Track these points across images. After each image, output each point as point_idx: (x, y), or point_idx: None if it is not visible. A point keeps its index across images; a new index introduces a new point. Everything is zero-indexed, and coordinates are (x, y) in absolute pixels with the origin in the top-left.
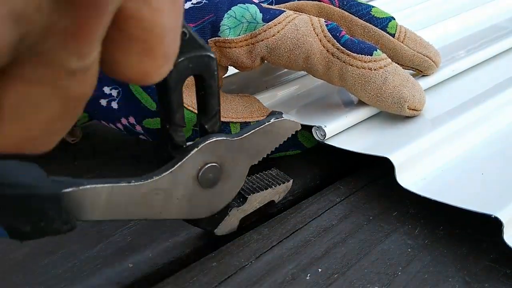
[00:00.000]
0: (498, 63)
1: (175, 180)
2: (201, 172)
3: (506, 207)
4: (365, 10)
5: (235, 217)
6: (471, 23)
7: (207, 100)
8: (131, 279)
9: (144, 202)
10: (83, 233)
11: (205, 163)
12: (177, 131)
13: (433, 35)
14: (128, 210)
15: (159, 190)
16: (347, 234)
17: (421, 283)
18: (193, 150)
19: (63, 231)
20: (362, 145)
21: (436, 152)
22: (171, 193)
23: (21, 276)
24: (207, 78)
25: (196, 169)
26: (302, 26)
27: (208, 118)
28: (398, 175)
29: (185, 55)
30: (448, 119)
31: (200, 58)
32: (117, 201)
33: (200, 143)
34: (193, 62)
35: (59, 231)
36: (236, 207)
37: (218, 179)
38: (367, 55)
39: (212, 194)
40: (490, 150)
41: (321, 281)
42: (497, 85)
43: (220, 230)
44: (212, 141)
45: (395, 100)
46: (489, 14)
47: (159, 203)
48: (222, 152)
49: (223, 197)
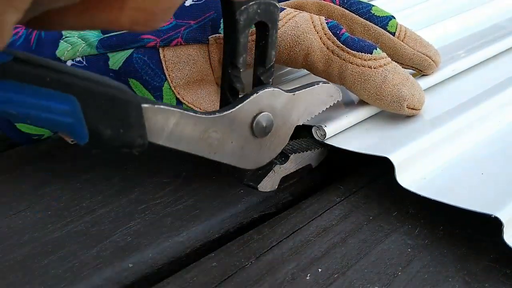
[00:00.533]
0: (498, 62)
1: (233, 122)
2: (256, 119)
3: (506, 206)
4: (366, 9)
5: (277, 174)
6: (471, 23)
7: (267, 50)
8: (131, 279)
9: (203, 138)
10: (83, 233)
11: (260, 110)
12: (237, 76)
13: (433, 35)
14: (188, 142)
15: (218, 128)
16: (347, 234)
17: (421, 283)
18: (252, 95)
19: (136, 144)
20: (362, 145)
21: (436, 151)
22: (228, 134)
23: (21, 276)
24: (270, 27)
25: (252, 115)
26: (302, 23)
27: (265, 69)
28: (398, 175)
29: (255, 0)
30: (448, 118)
31: (267, 6)
32: (181, 130)
33: (259, 90)
34: (261, 8)
35: (133, 143)
36: (279, 165)
37: (269, 130)
38: (367, 53)
39: (260, 145)
40: (490, 149)
41: (321, 281)
42: (497, 85)
43: (262, 186)
44: (270, 90)
45: (394, 99)
46: (489, 14)
47: (215, 142)
48: (277, 103)
49: (269, 151)
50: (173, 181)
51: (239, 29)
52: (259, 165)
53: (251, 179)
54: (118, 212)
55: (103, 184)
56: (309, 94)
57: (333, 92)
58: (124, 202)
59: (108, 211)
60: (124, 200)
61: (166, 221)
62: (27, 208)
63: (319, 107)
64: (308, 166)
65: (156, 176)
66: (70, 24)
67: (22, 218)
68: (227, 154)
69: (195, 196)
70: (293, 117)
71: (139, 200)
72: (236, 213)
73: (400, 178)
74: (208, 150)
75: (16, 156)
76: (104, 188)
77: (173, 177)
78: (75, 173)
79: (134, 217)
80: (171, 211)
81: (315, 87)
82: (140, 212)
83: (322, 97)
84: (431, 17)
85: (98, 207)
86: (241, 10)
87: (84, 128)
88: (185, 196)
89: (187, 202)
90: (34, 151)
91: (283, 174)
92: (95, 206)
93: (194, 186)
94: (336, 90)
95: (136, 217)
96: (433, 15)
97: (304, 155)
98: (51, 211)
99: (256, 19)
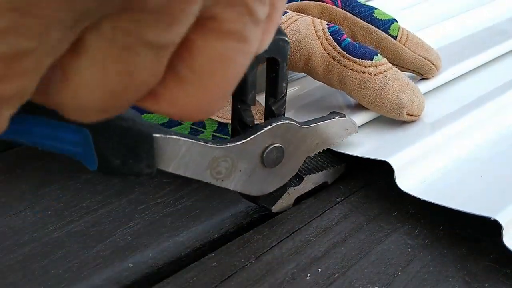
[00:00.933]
0: (498, 66)
1: (244, 152)
2: (267, 150)
3: (505, 209)
4: (368, 12)
5: (291, 195)
6: (470, 24)
7: (278, 82)
8: (131, 279)
9: (212, 166)
10: (83, 233)
11: (272, 142)
12: (247, 110)
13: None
14: (198, 170)
15: (228, 157)
16: (347, 234)
17: (421, 283)
18: (267, 127)
19: (144, 173)
20: (362, 149)
21: (435, 155)
22: (237, 163)
23: (21, 276)
24: (280, 61)
25: (263, 146)
26: (304, 28)
27: (276, 100)
28: (398, 179)
29: None
30: (448, 122)
31: (276, 42)
32: (192, 158)
33: (273, 122)
34: (270, 45)
35: (141, 173)
36: (293, 186)
37: (279, 161)
38: (368, 59)
39: (268, 175)
40: (489, 152)
41: (321, 281)
42: (497, 88)
43: (276, 207)
44: (285, 123)
45: (393, 106)
46: (489, 16)
47: (223, 170)
48: (289, 136)
49: (277, 180)
50: (173, 181)
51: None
52: (265, 192)
53: (265, 201)
54: (118, 212)
55: (103, 184)
56: (324, 127)
57: (349, 125)
58: (124, 202)
59: (108, 211)
60: (124, 200)
61: (166, 221)
62: (27, 208)
63: (334, 140)
64: (324, 183)
65: (156, 176)
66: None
67: (22, 218)
68: (234, 182)
69: (195, 196)
70: (305, 149)
71: (139, 200)
72: (236, 213)
73: (400, 181)
74: (216, 178)
75: (16, 156)
76: (104, 188)
77: (173, 177)
78: (75, 173)
79: (134, 217)
80: (171, 211)
81: (330, 121)
82: (140, 212)
83: (337, 130)
84: (431, 18)
85: (98, 207)
86: None
87: (94, 157)
88: (185, 196)
89: (187, 202)
90: (34, 151)
91: (297, 194)
92: (95, 206)
93: (194, 186)
94: (353, 124)
95: (136, 217)
96: (433, 16)
97: (319, 175)
98: (51, 211)
99: (265, 56)
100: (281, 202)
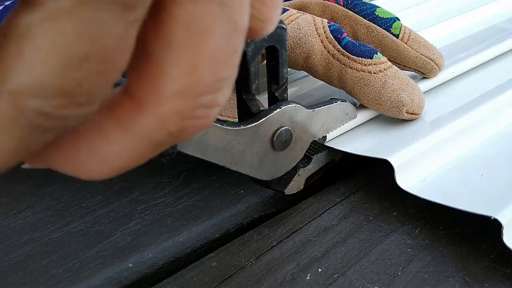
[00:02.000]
0: (498, 64)
1: (255, 135)
2: (277, 133)
3: (505, 208)
4: (370, 10)
5: (302, 176)
6: (471, 23)
7: (279, 69)
8: (131, 279)
9: (226, 148)
10: (83, 233)
11: (281, 125)
12: (251, 100)
13: (433, 35)
14: (213, 152)
15: (241, 140)
16: (347, 234)
17: (421, 283)
18: (276, 110)
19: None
20: (362, 147)
21: (435, 154)
22: (249, 146)
23: (21, 276)
24: (279, 48)
25: (274, 128)
26: (304, 25)
27: (278, 87)
28: (398, 177)
29: None
30: (448, 120)
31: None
32: (208, 141)
33: (282, 105)
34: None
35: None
36: (302, 167)
37: (288, 144)
38: (367, 58)
39: (278, 158)
40: (490, 151)
41: (321, 281)
42: (497, 87)
43: (289, 189)
44: (293, 106)
45: (393, 104)
46: (490, 15)
47: (237, 153)
48: (297, 119)
49: (284, 164)
50: (173, 181)
51: (248, 59)
52: (274, 177)
53: (277, 185)
54: (118, 212)
55: (103, 184)
56: (327, 111)
57: (350, 110)
58: (124, 202)
59: (108, 211)
60: (124, 200)
61: (166, 221)
62: (27, 208)
63: (335, 124)
64: (332, 161)
65: (156, 176)
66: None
67: (22, 218)
68: (246, 165)
69: (195, 196)
70: (311, 133)
71: (139, 200)
72: (236, 213)
73: (400, 180)
74: (230, 161)
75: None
76: (104, 188)
77: (173, 177)
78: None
79: (134, 217)
80: (171, 211)
81: (332, 105)
82: (140, 212)
83: (338, 114)
84: (432, 17)
85: (98, 207)
86: (248, 42)
87: None
88: (185, 196)
89: (187, 202)
90: None
91: (307, 175)
92: (95, 206)
93: (194, 186)
94: (352, 108)
95: (136, 217)
96: (434, 15)
97: (325, 153)
98: (51, 211)
99: (264, 45)
100: (292, 184)
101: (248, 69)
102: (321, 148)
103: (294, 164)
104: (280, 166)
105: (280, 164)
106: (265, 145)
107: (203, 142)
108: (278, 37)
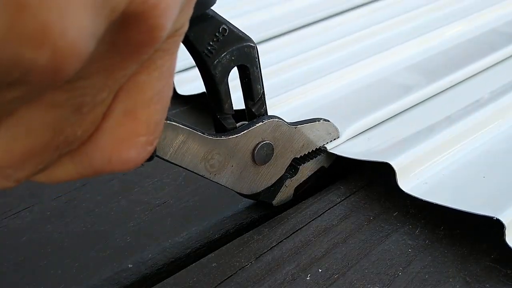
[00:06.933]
0: (499, 68)
1: (237, 147)
2: (258, 147)
3: (508, 209)
4: None
5: (290, 187)
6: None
7: (252, 85)
8: (131, 279)
9: (206, 158)
10: (83, 233)
11: (263, 139)
12: (226, 118)
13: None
14: (192, 161)
15: (221, 151)
16: (347, 234)
17: (422, 283)
18: (258, 123)
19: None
20: (364, 152)
21: (437, 156)
22: (230, 157)
23: (21, 276)
24: (249, 66)
25: (255, 142)
26: None
27: (254, 102)
28: (400, 180)
29: (227, 50)
30: (449, 123)
31: (241, 50)
32: (187, 148)
33: (265, 119)
34: (235, 54)
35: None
36: (289, 178)
37: (268, 159)
38: None
39: (258, 173)
40: (491, 153)
41: (321, 281)
42: (499, 89)
43: (277, 200)
44: (275, 121)
45: None
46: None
47: (216, 163)
48: (278, 134)
49: (265, 179)
50: (173, 181)
51: (217, 81)
52: (254, 192)
53: (265, 196)
54: (118, 212)
55: (103, 184)
56: (310, 129)
57: (332, 130)
58: (124, 202)
59: (108, 211)
60: (124, 200)
61: (166, 221)
62: (27, 208)
63: (317, 143)
64: (321, 168)
65: (156, 176)
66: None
67: (22, 218)
68: (226, 177)
69: (195, 196)
70: (292, 149)
71: (139, 200)
72: (236, 213)
73: (402, 183)
74: (209, 171)
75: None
76: (104, 188)
77: (173, 177)
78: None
79: (134, 217)
80: (171, 211)
81: (315, 123)
82: (140, 212)
83: (321, 133)
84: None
85: (98, 207)
86: (214, 64)
87: None
88: (185, 196)
89: (187, 202)
90: None
91: (295, 185)
92: (95, 206)
93: (194, 186)
94: (335, 129)
95: (136, 217)
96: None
97: (314, 161)
98: (51, 211)
99: (232, 66)
100: (280, 195)
101: (218, 90)
102: (308, 157)
103: (274, 181)
104: (261, 181)
105: (260, 179)
106: (246, 158)
107: (182, 150)
108: (246, 56)
